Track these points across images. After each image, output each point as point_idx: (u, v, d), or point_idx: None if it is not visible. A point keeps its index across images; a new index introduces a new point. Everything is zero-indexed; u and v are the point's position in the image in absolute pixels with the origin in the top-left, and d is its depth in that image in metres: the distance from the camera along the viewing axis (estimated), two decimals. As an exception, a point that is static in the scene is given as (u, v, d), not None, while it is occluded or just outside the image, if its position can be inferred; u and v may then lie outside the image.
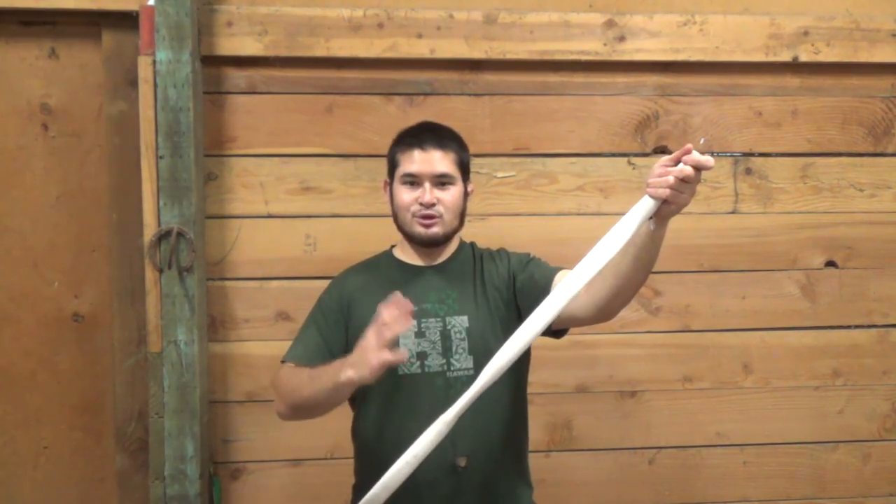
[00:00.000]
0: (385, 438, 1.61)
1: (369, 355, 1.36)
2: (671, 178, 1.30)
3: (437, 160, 1.62)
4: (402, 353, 1.39)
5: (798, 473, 2.35)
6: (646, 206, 1.34)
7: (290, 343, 1.69)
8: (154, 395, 2.09)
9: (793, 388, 2.34)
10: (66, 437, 2.24)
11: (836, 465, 2.36)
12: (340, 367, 1.42)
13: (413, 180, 1.62)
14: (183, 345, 2.04)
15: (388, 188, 1.71)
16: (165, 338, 2.05)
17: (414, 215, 1.62)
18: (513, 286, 1.66)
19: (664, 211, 1.35)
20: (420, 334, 1.61)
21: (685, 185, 1.32)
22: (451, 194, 1.63)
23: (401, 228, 1.67)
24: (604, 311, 1.52)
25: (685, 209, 2.22)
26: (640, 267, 1.43)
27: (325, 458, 2.21)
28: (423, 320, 1.62)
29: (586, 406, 2.28)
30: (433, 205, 1.61)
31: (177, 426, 2.05)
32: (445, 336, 1.62)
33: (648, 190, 1.34)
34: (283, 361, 1.66)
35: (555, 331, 1.64)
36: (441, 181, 1.62)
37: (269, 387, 1.64)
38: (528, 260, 1.68)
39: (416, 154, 1.63)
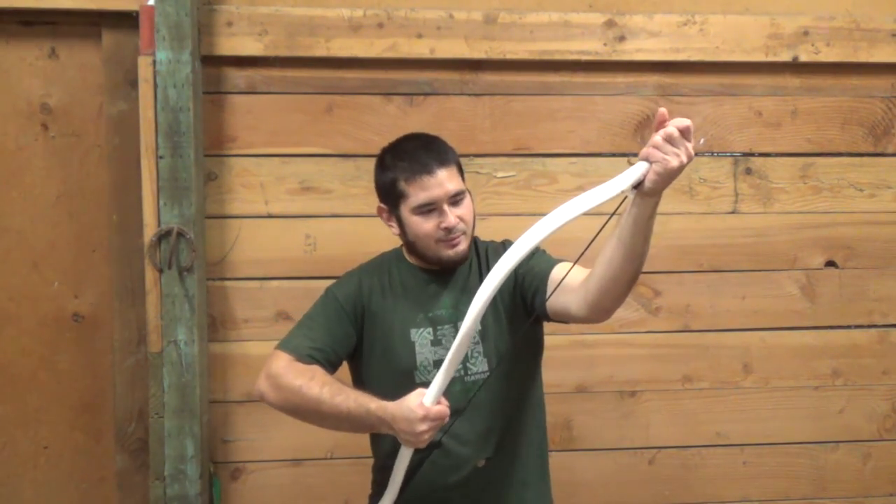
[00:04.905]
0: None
1: (417, 438, 1.43)
2: (657, 138, 1.28)
3: (447, 180, 1.56)
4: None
5: (798, 473, 2.35)
6: (636, 169, 1.32)
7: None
8: (154, 395, 2.09)
9: (793, 388, 2.34)
10: (66, 437, 2.24)
11: (836, 465, 2.36)
12: (378, 419, 1.46)
13: (430, 208, 1.56)
14: (183, 345, 2.04)
15: (386, 215, 1.65)
16: (165, 338, 2.05)
17: (438, 241, 1.58)
18: (515, 279, 1.64)
19: (651, 179, 1.30)
20: (436, 342, 1.60)
21: (668, 147, 1.28)
22: (467, 207, 1.60)
23: (421, 255, 1.63)
24: (595, 306, 1.46)
25: (685, 209, 2.26)
26: (628, 256, 1.38)
27: (325, 458, 2.21)
28: (439, 328, 1.61)
29: (586, 406, 2.28)
30: (457, 225, 1.57)
31: (177, 426, 2.05)
32: None
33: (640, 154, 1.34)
34: (281, 348, 1.60)
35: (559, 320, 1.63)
36: (455, 200, 1.58)
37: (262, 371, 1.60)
38: (531, 253, 1.66)
39: (426, 181, 1.55)
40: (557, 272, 1.57)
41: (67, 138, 2.19)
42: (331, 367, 1.61)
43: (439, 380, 1.42)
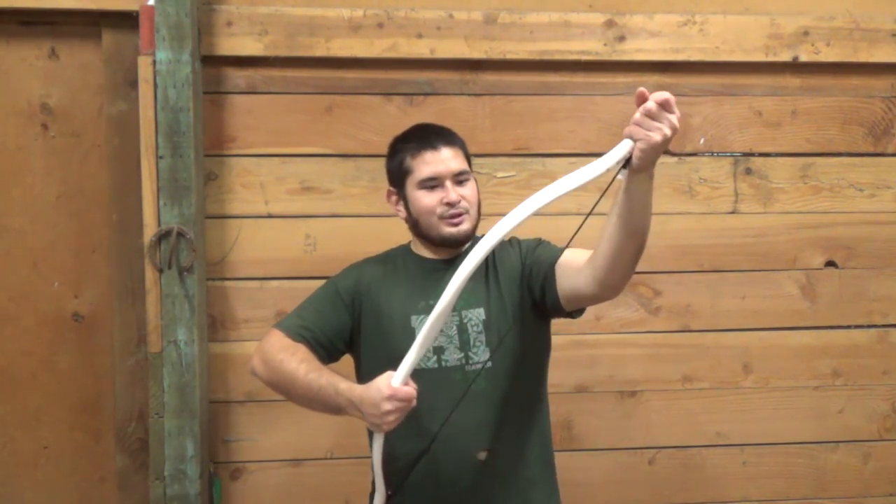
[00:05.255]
0: (401, 434, 1.61)
1: (381, 421, 1.42)
2: (638, 115, 1.29)
3: (451, 158, 1.62)
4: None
5: (798, 473, 2.35)
6: (621, 147, 1.32)
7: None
8: (154, 395, 2.09)
9: (793, 388, 2.34)
10: (66, 437, 2.24)
11: (836, 465, 2.36)
12: (347, 400, 1.47)
13: (434, 183, 1.60)
14: (183, 345, 2.04)
15: (394, 198, 1.69)
16: (165, 338, 2.05)
17: (441, 217, 1.61)
18: (522, 270, 1.65)
19: (637, 156, 1.30)
20: None
21: (650, 122, 1.27)
22: (471, 189, 1.64)
23: (425, 234, 1.65)
24: (604, 283, 1.48)
25: (685, 209, 2.26)
26: (629, 231, 1.39)
27: (325, 458, 2.21)
28: None
29: (586, 406, 2.28)
30: (459, 202, 1.60)
31: (177, 426, 2.05)
32: (462, 330, 1.61)
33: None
34: (275, 327, 1.66)
35: (570, 311, 1.62)
36: (459, 179, 1.62)
37: (256, 349, 1.65)
38: (537, 244, 1.68)
39: (430, 156, 1.61)
40: (565, 258, 1.59)
41: (67, 138, 2.19)
42: (321, 348, 1.63)
43: (408, 361, 1.42)
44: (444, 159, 1.61)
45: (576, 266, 1.53)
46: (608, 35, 2.21)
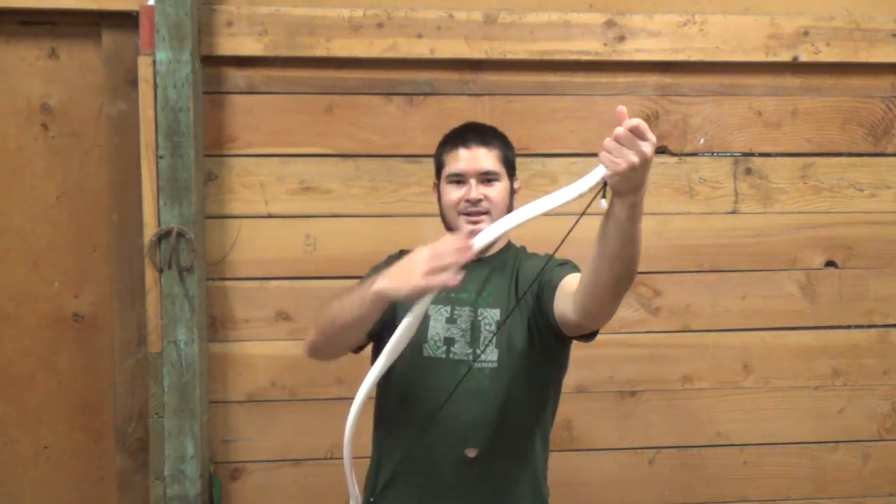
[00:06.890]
0: (400, 419, 1.63)
1: (414, 274, 1.33)
2: (607, 140, 1.23)
3: (482, 157, 1.64)
4: (454, 279, 1.33)
5: (798, 473, 2.36)
6: (597, 172, 1.26)
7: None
8: (154, 395, 2.09)
9: (793, 388, 2.34)
10: (66, 437, 2.24)
11: (836, 465, 2.36)
12: (373, 281, 1.42)
13: (459, 179, 1.64)
14: (183, 345, 2.04)
15: (436, 190, 1.73)
16: (165, 338, 2.05)
17: (460, 213, 1.64)
18: (538, 285, 1.63)
19: (610, 182, 1.24)
20: (451, 320, 1.63)
21: (619, 149, 1.20)
22: (497, 190, 1.64)
23: (449, 227, 1.68)
24: (584, 311, 1.43)
25: (685, 209, 2.26)
26: (609, 258, 1.32)
27: (325, 458, 2.21)
28: (457, 308, 1.63)
29: (586, 406, 2.28)
30: (479, 201, 1.62)
31: (177, 426, 2.05)
32: (475, 326, 1.62)
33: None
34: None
35: (576, 336, 1.60)
36: (486, 178, 1.64)
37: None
38: (559, 263, 1.64)
39: (461, 152, 1.64)
40: (565, 281, 1.55)
41: (67, 138, 2.19)
42: None
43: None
44: (474, 157, 1.64)
45: (569, 290, 1.50)
46: (608, 35, 2.21)
